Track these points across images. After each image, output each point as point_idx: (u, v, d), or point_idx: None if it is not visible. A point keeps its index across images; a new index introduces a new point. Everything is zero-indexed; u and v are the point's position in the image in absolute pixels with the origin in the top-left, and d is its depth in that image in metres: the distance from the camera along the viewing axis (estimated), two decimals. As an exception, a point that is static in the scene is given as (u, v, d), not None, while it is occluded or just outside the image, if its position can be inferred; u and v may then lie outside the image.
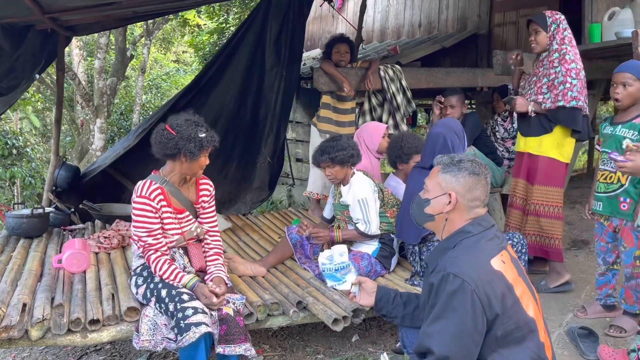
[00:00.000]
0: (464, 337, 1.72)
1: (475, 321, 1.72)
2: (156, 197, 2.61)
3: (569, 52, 3.58)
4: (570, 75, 3.52)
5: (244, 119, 5.01)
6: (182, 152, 2.57)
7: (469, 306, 1.72)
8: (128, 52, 10.71)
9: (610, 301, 3.29)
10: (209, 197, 2.84)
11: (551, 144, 3.60)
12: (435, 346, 1.72)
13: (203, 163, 2.66)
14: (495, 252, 1.86)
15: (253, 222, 4.52)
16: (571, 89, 3.50)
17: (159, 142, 2.60)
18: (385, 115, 4.81)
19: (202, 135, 2.58)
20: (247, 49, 4.83)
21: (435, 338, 1.74)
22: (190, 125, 2.59)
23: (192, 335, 2.34)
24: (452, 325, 1.72)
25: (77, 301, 2.67)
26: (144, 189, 2.61)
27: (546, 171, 3.63)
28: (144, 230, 2.61)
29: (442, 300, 1.76)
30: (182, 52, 18.38)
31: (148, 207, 2.59)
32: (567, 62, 3.54)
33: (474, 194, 1.93)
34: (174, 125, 2.59)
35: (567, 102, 3.50)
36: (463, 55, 6.49)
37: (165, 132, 2.59)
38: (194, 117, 2.66)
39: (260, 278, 3.21)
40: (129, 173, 5.04)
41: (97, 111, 9.20)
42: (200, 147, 2.57)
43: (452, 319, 1.73)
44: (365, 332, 3.33)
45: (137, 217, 2.61)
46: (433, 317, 1.77)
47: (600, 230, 3.25)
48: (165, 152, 2.60)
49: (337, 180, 3.27)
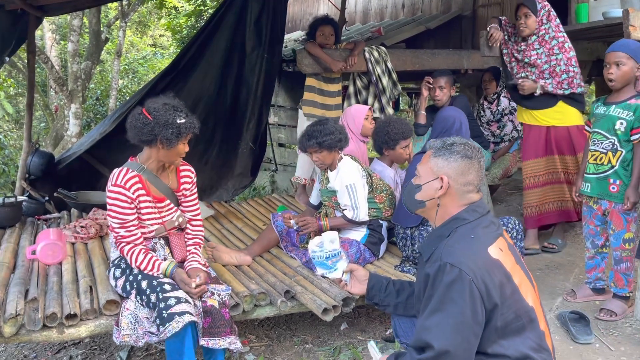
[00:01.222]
0: (464, 329, 1.65)
1: (475, 312, 1.65)
2: (132, 186, 2.47)
3: (567, 39, 3.75)
4: (571, 64, 3.73)
5: (224, 103, 4.87)
6: (158, 139, 2.42)
7: (467, 297, 1.64)
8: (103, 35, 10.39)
9: (600, 284, 3.27)
10: (190, 184, 2.71)
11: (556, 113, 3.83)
12: (434, 340, 1.65)
13: (181, 151, 2.51)
14: (492, 239, 1.79)
15: (236, 210, 4.40)
16: (575, 76, 3.73)
17: (134, 126, 2.44)
18: (371, 98, 4.70)
19: (181, 121, 2.42)
20: (226, 30, 4.68)
21: (434, 332, 1.66)
22: (168, 110, 2.42)
23: (175, 325, 2.23)
24: (451, 318, 1.65)
25: (53, 295, 2.54)
26: (119, 178, 2.46)
27: (576, 140, 3.81)
28: (117, 221, 2.47)
29: (439, 292, 1.68)
30: (159, 35, 17.97)
31: (123, 197, 2.45)
32: (567, 51, 3.75)
33: (466, 178, 1.84)
34: (151, 109, 2.43)
35: (575, 89, 3.73)
36: (447, 37, 6.40)
37: (141, 117, 2.43)
38: (173, 101, 2.50)
39: (245, 267, 3.10)
40: (106, 159, 4.86)
41: (72, 96, 8.91)
42: (177, 134, 2.42)
43: (450, 311, 1.65)
44: (354, 320, 3.26)
45: (111, 207, 2.47)
46: (431, 310, 1.69)
47: (589, 213, 3.21)
48: (140, 137, 2.45)
49: (325, 166, 3.16)
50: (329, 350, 2.96)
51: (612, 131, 3.00)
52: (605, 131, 3.03)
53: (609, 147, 3.02)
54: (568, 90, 3.70)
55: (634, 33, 3.31)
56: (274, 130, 6.56)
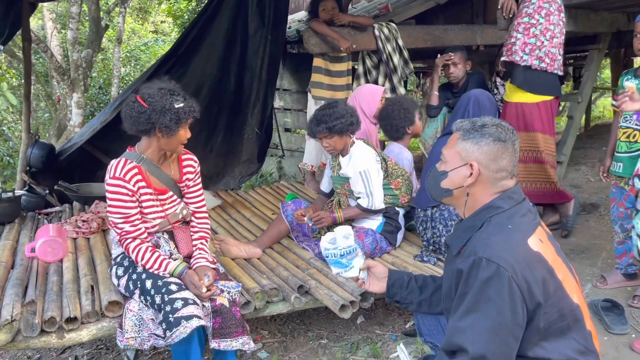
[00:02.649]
0: (503, 331, 1.46)
1: (515, 313, 1.46)
2: (132, 178, 2.29)
3: (530, 5, 3.59)
4: (517, 30, 3.64)
5: (227, 88, 4.68)
6: (156, 127, 2.23)
7: (506, 295, 1.46)
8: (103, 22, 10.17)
9: (632, 270, 3.09)
10: (193, 174, 2.51)
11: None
12: (469, 344, 1.47)
13: (183, 137, 2.31)
14: (531, 229, 1.59)
15: (244, 198, 4.23)
16: (515, 43, 3.62)
17: (129, 116, 2.24)
18: (382, 78, 4.48)
19: (179, 105, 2.22)
20: (228, 11, 4.48)
21: (469, 334, 1.48)
22: (164, 95, 2.22)
23: (182, 330, 2.07)
24: (488, 319, 1.46)
25: (52, 296, 2.38)
26: (117, 169, 2.28)
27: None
28: (120, 216, 2.29)
29: (474, 290, 1.49)
30: (161, 22, 17.68)
31: (123, 190, 2.27)
32: (521, 16, 3.63)
33: (499, 164, 1.64)
34: (145, 95, 2.23)
35: (508, 57, 3.67)
36: (458, 13, 6.13)
37: (136, 105, 2.23)
38: (168, 84, 2.29)
39: (255, 260, 2.93)
40: (108, 149, 4.68)
41: (74, 85, 8.72)
42: (177, 120, 2.22)
43: (487, 312, 1.47)
44: (371, 313, 3.09)
45: (112, 202, 2.29)
46: (465, 310, 1.50)
47: (620, 194, 3.02)
48: (137, 127, 2.25)
49: (336, 152, 2.97)
50: (346, 345, 2.81)
51: (647, 105, 2.79)
52: (638, 106, 2.82)
53: (642, 123, 2.81)
54: (502, 58, 3.67)
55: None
56: (280, 115, 6.36)
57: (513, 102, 3.68)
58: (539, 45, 3.51)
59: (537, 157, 3.71)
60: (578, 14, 4.29)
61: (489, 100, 3.03)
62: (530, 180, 3.77)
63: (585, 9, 4.34)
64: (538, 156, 3.70)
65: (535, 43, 3.51)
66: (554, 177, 3.73)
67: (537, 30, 3.51)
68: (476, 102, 2.94)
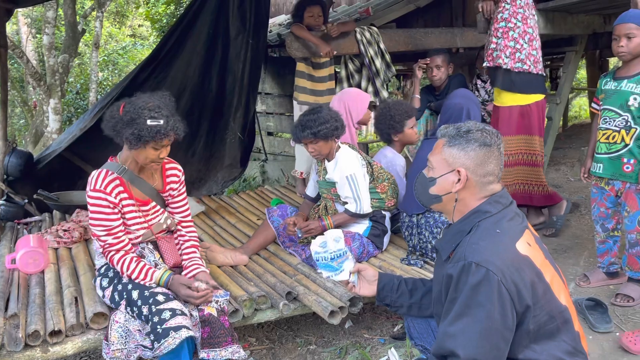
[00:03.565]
0: (493, 335, 1.48)
1: (504, 316, 1.48)
2: (114, 190, 2.26)
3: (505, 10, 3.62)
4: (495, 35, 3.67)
5: (209, 92, 4.65)
6: (122, 138, 2.20)
7: (495, 299, 1.47)
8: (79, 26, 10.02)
9: (614, 268, 3.14)
10: (177, 184, 2.48)
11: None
12: (460, 348, 1.47)
13: (152, 155, 2.23)
14: (519, 233, 1.61)
15: (228, 204, 4.20)
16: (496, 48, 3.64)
17: (105, 118, 2.24)
18: (364, 82, 4.49)
19: (152, 123, 2.13)
20: (209, 15, 4.44)
21: (460, 339, 1.48)
22: (143, 109, 2.15)
23: (171, 341, 2.04)
24: (478, 323, 1.47)
25: (35, 309, 2.33)
26: (98, 181, 2.24)
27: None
28: (102, 228, 2.26)
29: (464, 294, 1.50)
30: (138, 25, 17.51)
31: (104, 203, 2.24)
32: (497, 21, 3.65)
33: (486, 169, 1.65)
34: (127, 105, 2.19)
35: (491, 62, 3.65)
36: (437, 16, 6.19)
37: (115, 109, 2.22)
38: (159, 100, 2.21)
39: (242, 267, 2.91)
40: (88, 156, 4.60)
41: (50, 91, 8.57)
42: (138, 136, 2.14)
43: (477, 316, 1.48)
44: (359, 318, 3.09)
45: (93, 214, 2.25)
46: (455, 315, 1.51)
47: (600, 195, 3.06)
48: (106, 131, 2.24)
49: (322, 156, 2.96)
50: (335, 351, 2.80)
51: (625, 107, 2.84)
52: (618, 108, 2.87)
53: (622, 124, 2.86)
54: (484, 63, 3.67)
55: (640, 3, 3.14)
56: (262, 119, 6.33)
57: (506, 106, 3.69)
58: (519, 48, 3.55)
59: (532, 160, 3.73)
60: (555, 17, 4.36)
61: (477, 105, 3.07)
62: (522, 182, 3.79)
63: (562, 12, 4.41)
64: (533, 159, 3.73)
65: (515, 46, 3.56)
66: (544, 179, 3.78)
67: (516, 33, 3.56)
68: (467, 115, 2.95)
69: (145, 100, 2.20)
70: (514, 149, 3.75)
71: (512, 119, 3.68)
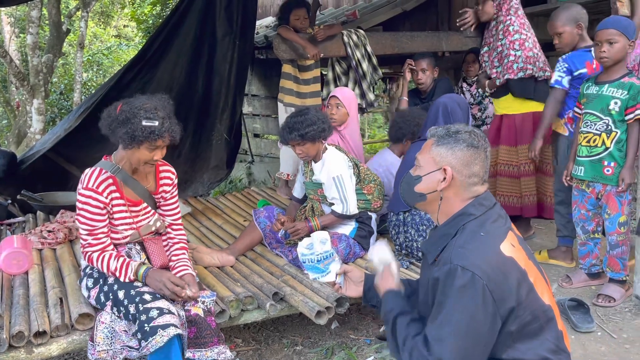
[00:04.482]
0: (477, 337, 1.51)
1: (488, 319, 1.51)
2: (106, 189, 2.25)
3: (513, 22, 3.63)
4: (513, 48, 3.61)
5: (196, 93, 4.63)
6: (117, 137, 2.21)
7: (480, 302, 1.50)
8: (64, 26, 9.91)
9: (595, 269, 3.19)
10: (170, 187, 2.48)
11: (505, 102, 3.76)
12: (446, 353, 1.50)
13: (146, 157, 2.24)
14: (503, 235, 1.64)
15: (214, 205, 4.19)
16: (516, 60, 3.60)
17: (102, 117, 2.25)
18: (351, 84, 4.51)
19: (146, 123, 2.14)
20: (195, 16, 4.43)
21: (447, 343, 1.51)
22: (139, 109, 2.16)
23: (159, 339, 2.04)
24: (463, 326, 1.50)
25: (19, 310, 2.31)
26: (91, 180, 2.24)
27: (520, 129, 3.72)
28: (86, 227, 2.26)
29: (451, 298, 1.53)
30: (124, 26, 17.39)
31: (93, 202, 2.23)
32: (510, 34, 3.63)
33: (471, 169, 1.69)
34: (125, 104, 2.21)
35: (514, 74, 3.60)
36: (423, 19, 6.25)
37: (112, 107, 2.24)
38: (158, 102, 2.23)
39: (229, 268, 2.91)
40: (72, 157, 4.57)
41: (34, 91, 8.47)
42: (132, 135, 2.15)
43: (462, 319, 1.51)
44: (345, 318, 3.10)
45: (81, 211, 2.25)
46: (441, 318, 1.54)
47: (581, 197, 3.12)
48: (105, 132, 2.25)
49: (309, 158, 2.98)
50: (321, 351, 2.81)
51: (605, 111, 2.90)
52: (599, 112, 2.93)
53: (603, 128, 2.92)
54: (507, 75, 3.60)
55: (621, 9, 3.21)
56: (249, 121, 6.33)
57: (519, 114, 3.66)
58: (537, 57, 3.59)
59: (543, 169, 3.70)
60: (540, 22, 4.43)
61: (459, 104, 3.05)
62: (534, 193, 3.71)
63: (546, 17, 4.47)
64: (544, 167, 3.69)
65: (533, 55, 3.59)
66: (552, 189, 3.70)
67: (530, 44, 3.60)
68: (445, 111, 2.97)
69: (143, 101, 2.22)
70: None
71: (529, 125, 3.64)
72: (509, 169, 3.75)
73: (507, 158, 3.74)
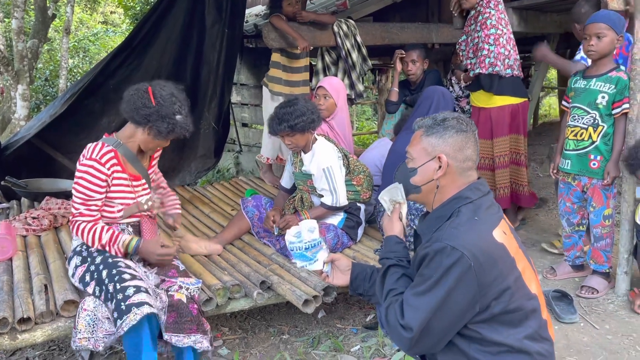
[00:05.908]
0: (448, 316, 1.56)
1: (464, 299, 1.54)
2: (108, 161, 2.32)
3: (492, 16, 3.59)
4: (487, 42, 3.58)
5: (184, 81, 4.54)
6: (149, 126, 2.32)
7: (463, 284, 1.53)
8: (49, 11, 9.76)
9: (579, 261, 3.23)
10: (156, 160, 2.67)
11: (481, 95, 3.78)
12: (416, 322, 1.55)
13: (162, 144, 2.43)
14: (496, 222, 1.65)
15: (202, 194, 4.17)
16: (489, 55, 3.58)
17: (132, 103, 2.30)
18: (341, 74, 4.50)
19: (179, 118, 2.33)
20: (184, 3, 4.40)
21: (419, 314, 1.56)
22: (174, 103, 2.32)
23: (132, 317, 2.03)
24: (440, 303, 1.54)
25: (3, 296, 2.28)
26: (95, 151, 2.31)
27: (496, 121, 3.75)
28: (81, 196, 2.30)
29: (436, 274, 1.55)
30: (110, 12, 17.15)
31: (95, 172, 2.28)
32: (487, 28, 3.58)
33: (465, 153, 1.70)
34: (157, 94, 2.30)
35: (485, 69, 3.58)
36: (413, 11, 6.23)
37: (145, 96, 2.29)
38: (181, 94, 2.38)
39: (216, 257, 2.90)
40: (58, 143, 4.51)
41: (18, 77, 8.33)
42: (171, 130, 2.33)
43: (441, 296, 1.54)
44: (332, 307, 3.12)
45: (79, 180, 2.29)
46: (424, 290, 1.57)
47: (567, 190, 3.15)
48: (132, 115, 2.33)
49: (298, 149, 2.97)
50: (308, 340, 2.82)
51: (593, 105, 2.92)
52: (586, 106, 2.95)
53: (590, 122, 2.94)
54: (478, 70, 3.61)
55: (611, 3, 3.22)
56: (237, 110, 6.29)
57: (496, 107, 3.67)
58: (507, 54, 3.58)
59: (519, 160, 3.75)
60: (528, 15, 4.44)
61: (447, 99, 3.13)
62: (512, 183, 3.78)
63: (535, 11, 4.49)
64: (518, 158, 3.74)
65: (504, 52, 3.57)
66: (527, 179, 3.80)
67: (504, 40, 3.58)
68: (442, 96, 3.02)
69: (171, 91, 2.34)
70: (506, 149, 3.72)
71: (504, 118, 3.67)
72: (484, 162, 3.78)
73: (483, 151, 3.75)
